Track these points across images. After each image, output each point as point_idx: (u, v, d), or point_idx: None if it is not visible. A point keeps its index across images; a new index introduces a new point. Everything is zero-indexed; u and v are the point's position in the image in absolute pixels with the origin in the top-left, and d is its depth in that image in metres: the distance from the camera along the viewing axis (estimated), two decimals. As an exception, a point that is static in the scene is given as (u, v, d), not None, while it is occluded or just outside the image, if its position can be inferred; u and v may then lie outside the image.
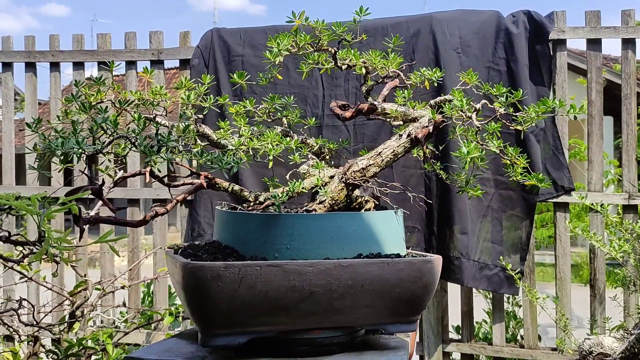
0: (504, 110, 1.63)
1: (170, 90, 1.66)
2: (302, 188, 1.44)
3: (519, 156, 1.63)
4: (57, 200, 1.01)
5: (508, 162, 1.64)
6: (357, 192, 1.57)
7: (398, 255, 1.41)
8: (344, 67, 1.66)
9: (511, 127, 1.64)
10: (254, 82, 1.79)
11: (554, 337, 4.00)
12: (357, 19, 1.68)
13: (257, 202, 1.49)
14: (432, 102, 1.66)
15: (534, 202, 2.87)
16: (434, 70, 1.69)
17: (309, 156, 1.73)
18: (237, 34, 3.19)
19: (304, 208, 1.46)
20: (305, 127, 1.90)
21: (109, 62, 2.51)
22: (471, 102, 1.59)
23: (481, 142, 1.59)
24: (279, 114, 1.80)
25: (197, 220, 3.16)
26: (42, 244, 0.91)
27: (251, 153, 1.46)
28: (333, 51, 1.65)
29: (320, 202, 1.48)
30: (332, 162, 1.84)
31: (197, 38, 3.26)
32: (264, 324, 1.28)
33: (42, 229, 0.94)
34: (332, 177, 1.61)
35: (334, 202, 1.51)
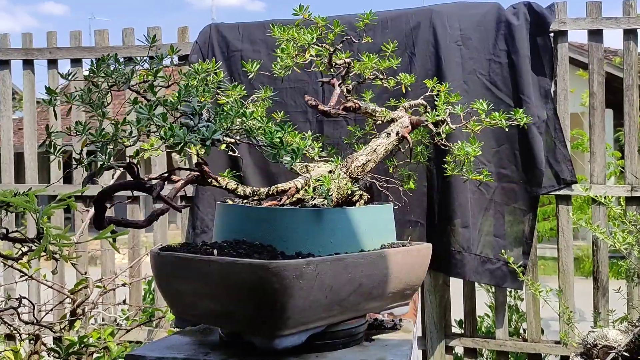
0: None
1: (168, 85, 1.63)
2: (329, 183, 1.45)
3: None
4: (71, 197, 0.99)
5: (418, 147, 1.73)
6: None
7: (410, 244, 1.51)
8: (334, 65, 1.71)
9: (466, 129, 1.72)
10: (267, 72, 1.80)
11: (556, 330, 3.99)
12: (366, 22, 1.72)
13: (260, 197, 1.47)
14: (406, 104, 1.79)
15: (537, 194, 2.85)
16: (410, 75, 1.79)
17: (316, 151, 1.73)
18: (235, 29, 3.17)
19: (313, 202, 1.44)
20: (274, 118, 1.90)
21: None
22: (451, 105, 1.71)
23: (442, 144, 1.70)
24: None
25: (200, 217, 3.14)
26: (41, 241, 0.90)
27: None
28: (332, 50, 1.68)
29: (327, 197, 1.46)
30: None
31: (196, 34, 3.24)
32: (321, 319, 1.26)
33: (40, 225, 0.92)
34: (330, 172, 1.61)
35: (340, 196, 1.51)
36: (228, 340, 1.43)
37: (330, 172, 1.64)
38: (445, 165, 1.79)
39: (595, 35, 2.88)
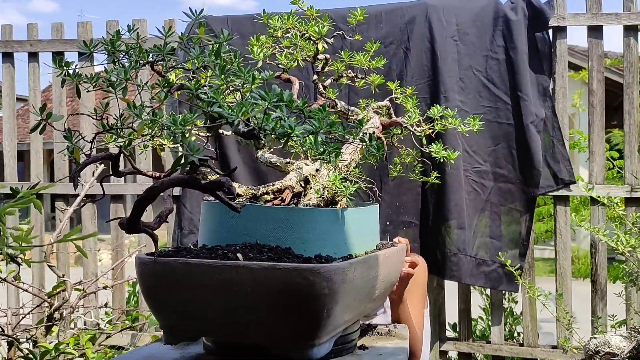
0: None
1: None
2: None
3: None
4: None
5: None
6: None
7: (395, 244, 1.51)
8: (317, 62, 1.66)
9: (419, 133, 1.67)
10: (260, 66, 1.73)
11: (547, 332, 3.92)
12: (359, 19, 1.68)
13: (253, 196, 1.38)
14: (374, 105, 1.75)
15: (534, 195, 2.77)
16: (380, 76, 1.69)
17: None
18: (224, 22, 3.07)
19: (305, 202, 1.34)
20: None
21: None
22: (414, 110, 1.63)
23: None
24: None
25: (187, 217, 3.02)
26: (-2, 243, 0.79)
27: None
28: (320, 47, 1.63)
29: (321, 197, 1.37)
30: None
31: (183, 28, 3.12)
32: (345, 323, 1.21)
33: (-1, 226, 0.81)
34: (317, 170, 1.58)
35: (329, 195, 1.44)
36: (216, 349, 1.32)
37: (317, 170, 1.59)
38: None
39: (595, 31, 2.80)
